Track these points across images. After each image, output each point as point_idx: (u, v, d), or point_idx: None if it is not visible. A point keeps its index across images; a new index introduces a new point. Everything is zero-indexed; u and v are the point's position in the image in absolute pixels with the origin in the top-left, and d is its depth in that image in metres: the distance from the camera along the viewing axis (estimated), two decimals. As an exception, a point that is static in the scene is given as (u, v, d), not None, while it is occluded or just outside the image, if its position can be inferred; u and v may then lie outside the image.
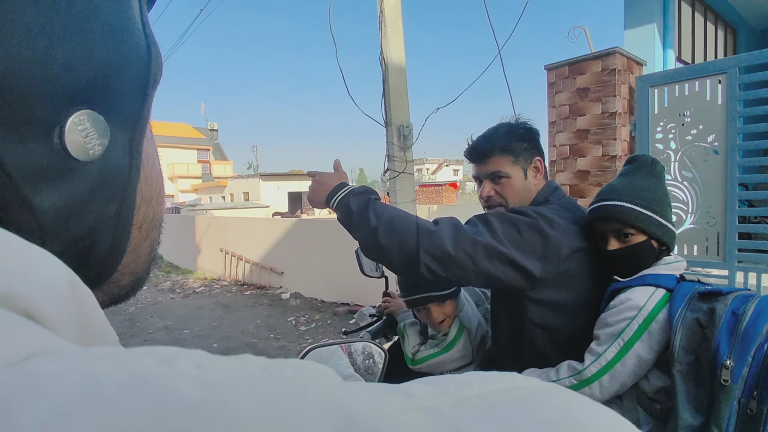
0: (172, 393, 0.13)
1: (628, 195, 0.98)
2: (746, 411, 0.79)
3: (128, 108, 0.24)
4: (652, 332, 0.91)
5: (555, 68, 3.35)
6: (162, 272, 9.48)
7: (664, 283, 0.95)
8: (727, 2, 5.64)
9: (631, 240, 0.98)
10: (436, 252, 0.95)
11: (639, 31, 4.35)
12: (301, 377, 0.15)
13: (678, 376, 0.86)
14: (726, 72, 2.77)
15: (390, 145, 4.06)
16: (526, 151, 1.15)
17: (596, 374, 0.93)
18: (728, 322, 0.83)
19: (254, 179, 23.38)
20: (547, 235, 0.97)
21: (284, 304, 6.21)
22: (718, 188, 2.84)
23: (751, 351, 0.79)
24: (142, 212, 0.27)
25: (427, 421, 0.14)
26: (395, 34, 4.03)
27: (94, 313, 0.19)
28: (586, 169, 3.22)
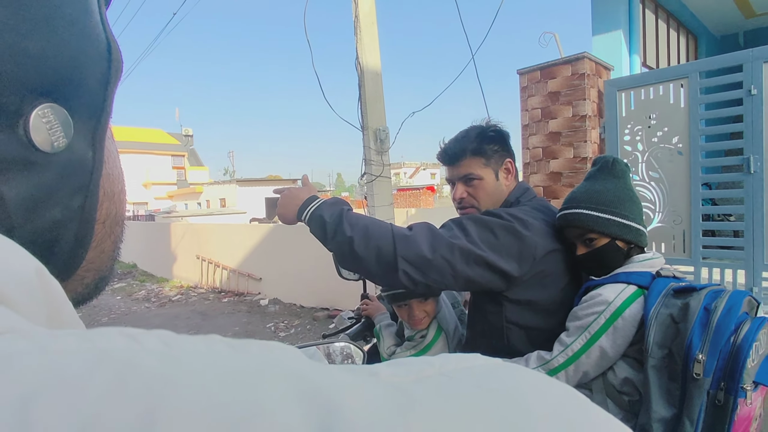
0: (137, 368, 0.13)
1: (585, 201, 1.02)
2: (714, 402, 0.82)
3: (91, 102, 0.24)
4: (618, 327, 0.94)
5: (527, 72, 3.43)
6: (136, 281, 9.24)
7: (636, 280, 0.98)
8: (688, 10, 5.88)
9: (595, 243, 1.01)
10: (414, 258, 0.95)
11: (606, 38, 4.50)
12: (267, 353, 0.15)
13: (651, 370, 0.88)
14: (687, 76, 2.89)
15: (367, 149, 4.08)
16: (497, 153, 1.17)
17: (563, 364, 0.97)
18: (701, 318, 0.85)
19: (231, 185, 23.05)
20: (522, 237, 0.99)
21: (263, 310, 6.14)
22: (683, 188, 2.95)
23: (722, 343, 0.82)
24: (105, 208, 0.27)
25: (387, 393, 0.14)
26: (370, 39, 4.06)
27: (62, 303, 0.19)
28: (559, 170, 3.30)
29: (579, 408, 0.16)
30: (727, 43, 6.83)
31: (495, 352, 1.08)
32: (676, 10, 5.65)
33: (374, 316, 1.43)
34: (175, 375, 0.13)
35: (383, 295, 1.33)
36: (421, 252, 0.95)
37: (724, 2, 5.87)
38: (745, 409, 0.82)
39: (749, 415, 0.84)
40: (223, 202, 22.73)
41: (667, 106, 2.98)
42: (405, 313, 1.28)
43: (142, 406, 0.12)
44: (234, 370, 0.14)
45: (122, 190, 0.29)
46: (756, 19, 6.45)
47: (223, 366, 0.14)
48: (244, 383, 0.13)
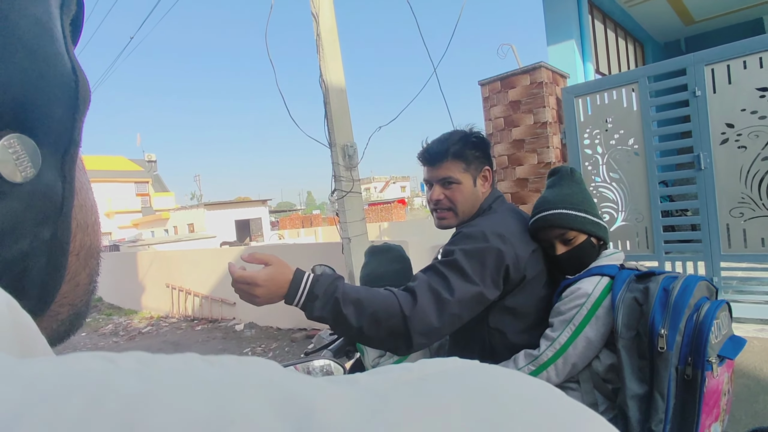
0: (112, 388, 0.13)
1: (561, 203, 1.09)
2: (683, 376, 0.89)
3: (58, 132, 0.24)
4: (599, 316, 1.01)
5: (488, 83, 3.53)
6: (102, 315, 8.84)
7: (608, 271, 1.05)
8: (632, 20, 6.22)
9: (574, 242, 1.08)
10: (426, 330, 0.96)
11: (560, 47, 4.70)
12: (243, 367, 0.16)
13: (623, 350, 0.95)
14: (637, 81, 3.04)
15: (335, 165, 4.08)
16: (478, 159, 1.19)
17: (552, 358, 1.01)
18: (660, 298, 0.93)
19: (198, 209, 22.52)
20: (503, 253, 1.02)
21: (239, 335, 5.98)
22: (641, 187, 3.09)
23: (682, 320, 0.90)
24: (79, 239, 0.27)
25: (363, 397, 0.15)
26: (333, 56, 4.10)
27: (35, 338, 0.19)
28: (525, 176, 3.39)
29: (555, 401, 0.17)
30: (671, 49, 7.25)
31: (476, 356, 1.10)
32: (622, 20, 5.97)
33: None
34: (151, 392, 0.13)
35: None
36: (431, 324, 0.95)
37: (665, 11, 6.25)
38: (713, 382, 0.88)
39: (717, 388, 0.90)
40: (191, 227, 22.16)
41: (621, 110, 3.13)
42: None
43: (119, 426, 0.12)
44: (210, 383, 0.14)
45: (96, 222, 0.29)
46: (695, 25, 6.89)
47: (200, 380, 0.14)
48: (219, 395, 0.13)
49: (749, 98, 2.64)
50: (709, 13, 6.50)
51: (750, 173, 2.66)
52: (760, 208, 2.65)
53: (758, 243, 2.67)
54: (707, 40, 6.33)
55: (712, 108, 2.76)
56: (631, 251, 3.16)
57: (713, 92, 2.75)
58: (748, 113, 2.65)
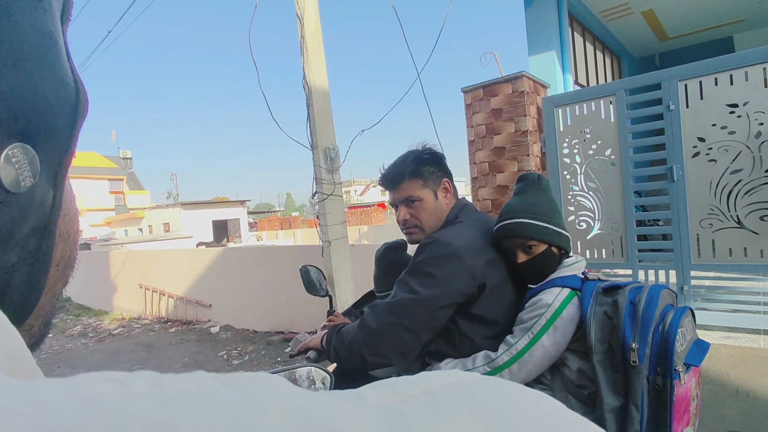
0: (130, 414, 0.12)
1: (523, 212, 1.10)
2: (654, 386, 0.91)
3: (57, 142, 0.24)
4: (557, 327, 1.03)
5: (471, 91, 3.57)
6: (71, 316, 8.55)
7: (569, 283, 1.08)
8: (610, 34, 6.41)
9: (534, 251, 1.10)
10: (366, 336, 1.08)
11: (541, 58, 4.80)
12: (257, 387, 0.16)
13: (598, 365, 0.97)
14: (615, 94, 3.13)
15: (317, 168, 4.06)
16: (434, 174, 1.23)
17: (507, 362, 1.04)
18: (629, 311, 0.96)
19: (175, 209, 22.05)
20: (454, 264, 1.06)
21: (214, 338, 5.86)
22: (617, 196, 3.17)
23: (650, 332, 0.92)
24: (60, 249, 0.26)
25: (379, 416, 0.15)
26: (317, 59, 4.08)
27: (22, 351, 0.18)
28: (505, 183, 3.44)
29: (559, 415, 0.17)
30: (646, 64, 7.49)
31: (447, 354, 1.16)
32: (601, 34, 6.14)
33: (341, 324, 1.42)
34: (170, 417, 0.13)
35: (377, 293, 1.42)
36: (370, 327, 1.08)
37: (640, 27, 6.45)
38: (682, 390, 0.91)
39: (686, 395, 0.92)
40: (167, 227, 21.68)
41: (599, 121, 3.21)
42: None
43: None
44: (228, 406, 0.14)
45: (77, 231, 0.28)
46: (669, 41, 7.14)
47: (217, 403, 0.14)
48: (241, 419, 0.13)
49: (720, 114, 2.74)
50: (682, 30, 6.74)
51: (719, 186, 2.76)
52: (728, 220, 2.75)
53: (726, 253, 2.77)
54: (680, 57, 6.56)
55: (685, 122, 2.86)
56: (606, 259, 3.24)
57: (686, 107, 2.85)
58: (719, 128, 2.75)
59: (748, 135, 2.66)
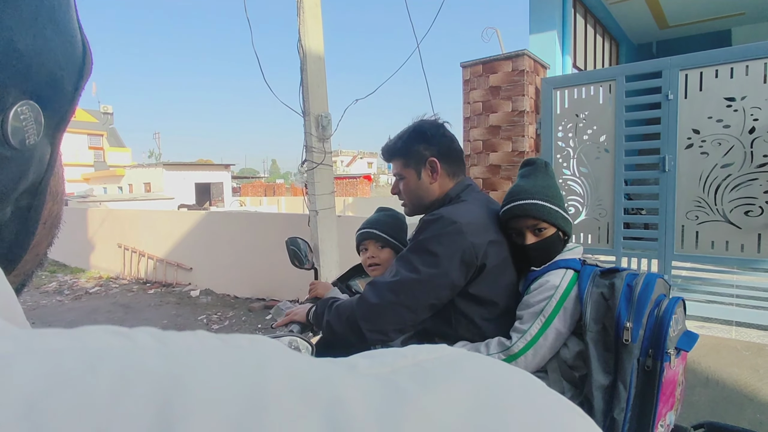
0: (137, 367, 0.13)
1: (538, 193, 1.10)
2: (644, 368, 0.94)
3: (62, 101, 0.24)
4: (567, 308, 1.05)
5: (470, 66, 3.49)
6: (46, 272, 8.37)
7: (573, 265, 1.09)
8: (612, 17, 6.32)
9: (544, 233, 1.10)
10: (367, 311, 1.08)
11: (542, 37, 4.71)
12: (258, 349, 0.16)
13: (590, 343, 0.99)
14: (615, 79, 3.09)
15: (308, 135, 3.96)
16: (417, 153, 1.21)
17: (523, 349, 1.04)
18: (625, 293, 0.98)
19: (157, 169, 21.53)
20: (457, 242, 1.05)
21: (194, 301, 5.82)
22: (608, 183, 3.18)
23: (644, 315, 0.95)
24: (48, 208, 0.26)
25: (373, 384, 0.15)
26: (314, 21, 3.92)
27: (14, 302, 0.19)
28: (498, 163, 3.41)
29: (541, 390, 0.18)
30: (643, 51, 7.45)
31: (443, 337, 1.16)
32: (603, 17, 6.04)
33: (323, 295, 1.40)
34: (177, 372, 0.13)
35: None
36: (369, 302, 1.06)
37: (642, 13, 6.37)
38: (670, 373, 0.93)
39: (674, 378, 0.95)
40: (147, 187, 21.22)
41: (597, 106, 3.18)
42: (364, 257, 1.42)
43: (154, 408, 0.12)
44: (234, 365, 0.14)
45: (63, 190, 0.29)
46: (668, 30, 7.09)
47: (223, 362, 0.14)
48: (247, 378, 0.13)
49: (717, 106, 2.74)
50: (683, 19, 6.69)
51: (709, 179, 2.79)
52: (714, 213, 2.79)
53: (708, 245, 2.83)
54: (677, 46, 6.52)
55: (682, 112, 2.85)
56: (591, 245, 3.28)
57: (684, 97, 2.84)
58: (714, 121, 2.75)
59: (742, 130, 2.67)
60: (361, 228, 1.45)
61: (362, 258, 1.45)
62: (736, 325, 2.81)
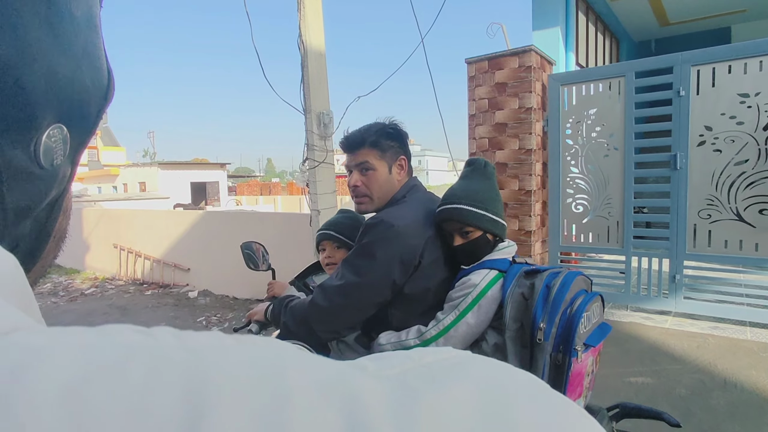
0: (166, 360, 0.13)
1: (465, 198, 1.15)
2: (555, 362, 1.01)
3: (86, 125, 0.25)
4: (482, 305, 1.10)
5: (475, 62, 3.42)
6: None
7: (498, 265, 1.15)
8: (613, 14, 6.27)
9: (470, 236, 1.16)
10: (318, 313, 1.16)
11: (545, 33, 4.65)
12: (273, 346, 0.16)
13: (508, 341, 1.06)
14: (624, 75, 3.03)
15: (309, 133, 3.88)
16: (393, 149, 1.27)
17: (435, 336, 1.12)
18: (543, 294, 1.04)
19: (152, 168, 21.35)
20: (395, 244, 1.12)
21: (192, 303, 5.73)
22: (617, 182, 3.11)
23: (558, 314, 1.01)
24: (59, 223, 0.27)
25: (387, 384, 0.15)
26: (314, 16, 3.84)
27: (32, 298, 0.20)
28: (504, 161, 3.35)
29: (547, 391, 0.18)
30: (643, 49, 7.41)
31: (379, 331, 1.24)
32: (604, 13, 5.99)
33: (280, 294, 1.46)
34: (206, 367, 0.13)
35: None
36: (320, 305, 1.14)
37: (643, 9, 6.32)
38: (577, 366, 1.01)
39: (581, 371, 1.03)
40: (142, 186, 21.05)
41: (606, 103, 3.12)
42: (323, 256, 1.49)
43: (184, 397, 0.12)
44: (254, 361, 0.14)
45: (71, 205, 0.30)
46: (667, 27, 7.05)
47: (243, 358, 0.14)
48: (268, 373, 0.14)
49: (730, 103, 2.68)
50: (684, 16, 6.65)
51: (722, 177, 2.73)
52: (727, 212, 2.74)
53: (721, 245, 2.77)
54: (677, 44, 6.48)
55: (694, 109, 2.79)
56: (599, 244, 3.22)
57: (696, 93, 2.78)
58: (727, 118, 2.70)
59: (756, 126, 2.62)
60: (320, 229, 1.52)
61: (321, 257, 1.52)
62: (750, 325, 2.76)
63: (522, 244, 3.29)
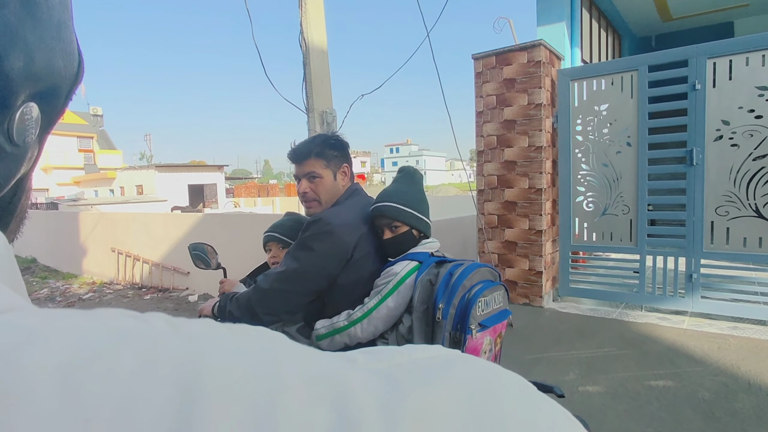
0: (159, 346, 0.13)
1: (395, 198, 1.33)
2: (453, 339, 1.17)
3: (56, 105, 0.26)
4: (400, 291, 1.26)
5: (482, 58, 3.34)
6: (37, 278, 8.12)
7: (418, 257, 1.31)
8: (616, 10, 6.19)
9: (398, 230, 1.33)
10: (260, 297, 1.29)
11: (550, 29, 4.56)
12: (264, 336, 0.17)
13: (415, 320, 1.23)
14: (637, 69, 2.95)
15: (312, 133, 3.78)
16: (336, 158, 1.42)
17: (360, 317, 1.27)
18: (445, 280, 1.21)
19: (149, 171, 21.20)
20: (331, 239, 1.26)
21: (192, 307, 5.63)
22: (631, 179, 3.03)
23: (456, 297, 1.17)
24: (21, 203, 0.27)
25: (375, 378, 0.16)
26: (316, 13, 3.75)
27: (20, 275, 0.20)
28: (513, 159, 3.26)
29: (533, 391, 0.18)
30: (644, 45, 7.34)
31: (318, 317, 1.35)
32: (607, 9, 5.92)
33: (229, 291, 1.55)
34: (199, 355, 0.13)
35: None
36: (262, 288, 1.28)
37: (646, 4, 6.25)
38: (473, 343, 1.15)
39: (476, 348, 1.17)
40: (139, 189, 20.90)
41: (618, 98, 3.04)
42: (269, 256, 1.64)
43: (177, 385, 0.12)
44: (247, 351, 0.15)
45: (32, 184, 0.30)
46: (668, 23, 6.98)
47: (235, 347, 0.15)
48: (260, 364, 0.14)
49: (748, 96, 2.60)
50: (686, 11, 6.58)
51: (740, 172, 2.65)
52: (746, 208, 2.66)
53: (740, 242, 2.69)
54: (677, 40, 6.41)
55: (710, 103, 2.71)
56: (613, 243, 3.14)
57: (713, 87, 2.70)
58: (745, 111, 2.62)
59: (776, 120, 2.54)
60: (266, 231, 1.67)
61: (267, 257, 1.66)
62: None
63: (532, 243, 3.21)
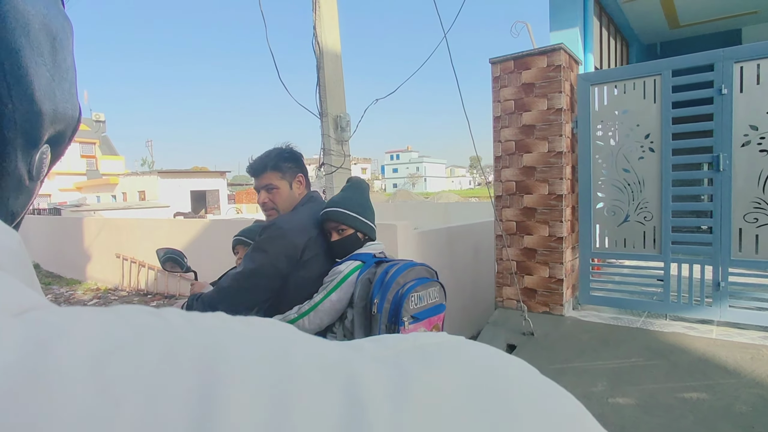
0: (179, 339, 0.14)
1: (342, 204, 1.46)
2: (388, 330, 1.28)
3: (62, 146, 0.31)
4: (343, 287, 1.39)
5: (500, 62, 3.29)
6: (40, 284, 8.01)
7: (361, 258, 1.44)
8: (625, 17, 6.17)
9: (344, 233, 1.46)
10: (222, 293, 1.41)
11: (563, 35, 4.53)
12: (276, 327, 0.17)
13: (356, 314, 1.35)
14: (660, 73, 2.89)
15: (326, 137, 3.73)
16: (291, 169, 1.54)
17: (307, 310, 1.39)
18: (381, 278, 1.33)
19: (151, 176, 21.18)
20: (281, 241, 1.38)
21: (199, 314, 5.54)
22: (654, 185, 2.96)
23: (389, 292, 1.29)
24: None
25: (382, 365, 0.16)
26: (330, 17, 3.71)
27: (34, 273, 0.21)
28: (533, 165, 3.20)
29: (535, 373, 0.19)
30: (650, 52, 7.32)
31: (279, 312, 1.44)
32: (616, 16, 5.90)
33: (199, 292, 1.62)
34: (216, 346, 0.14)
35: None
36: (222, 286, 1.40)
37: (654, 12, 6.23)
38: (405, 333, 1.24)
39: None
40: (142, 195, 20.85)
41: (640, 103, 2.99)
42: (237, 258, 1.77)
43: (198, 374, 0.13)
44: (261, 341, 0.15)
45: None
46: (675, 30, 6.96)
47: (249, 338, 0.15)
48: (276, 355, 0.15)
49: (777, 101, 2.55)
50: (694, 18, 6.56)
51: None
52: (776, 215, 2.59)
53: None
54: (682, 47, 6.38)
55: (737, 108, 2.66)
56: (636, 250, 3.07)
57: (740, 91, 2.65)
58: (774, 116, 2.56)
59: (806, 125, 2.48)
60: (235, 235, 1.82)
61: (236, 259, 1.79)
62: (802, 335, 2.60)
63: (552, 250, 3.14)
